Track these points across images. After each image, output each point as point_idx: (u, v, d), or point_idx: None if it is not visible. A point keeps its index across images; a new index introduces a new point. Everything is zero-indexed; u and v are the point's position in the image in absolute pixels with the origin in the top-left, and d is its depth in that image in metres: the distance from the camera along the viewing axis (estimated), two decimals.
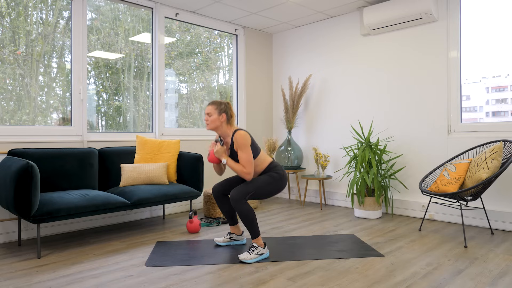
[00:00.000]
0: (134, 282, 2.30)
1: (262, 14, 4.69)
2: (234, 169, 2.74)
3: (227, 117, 2.83)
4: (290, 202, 5.05)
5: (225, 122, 2.83)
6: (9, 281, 2.32)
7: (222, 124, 2.83)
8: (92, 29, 3.88)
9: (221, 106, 2.82)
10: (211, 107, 2.82)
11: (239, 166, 2.73)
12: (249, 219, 2.67)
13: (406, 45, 4.17)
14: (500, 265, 2.57)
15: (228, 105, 2.86)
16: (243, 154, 2.72)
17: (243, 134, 2.73)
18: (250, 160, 2.73)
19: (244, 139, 2.72)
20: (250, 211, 2.68)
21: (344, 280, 2.32)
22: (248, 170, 2.71)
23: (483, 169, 3.05)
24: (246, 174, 2.72)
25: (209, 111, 2.81)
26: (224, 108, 2.82)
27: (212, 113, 2.80)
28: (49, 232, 3.42)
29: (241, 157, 2.72)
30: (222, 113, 2.81)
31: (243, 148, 2.72)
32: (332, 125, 4.88)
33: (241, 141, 2.72)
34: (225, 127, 2.84)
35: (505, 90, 3.74)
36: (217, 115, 2.80)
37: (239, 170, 2.72)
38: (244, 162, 2.72)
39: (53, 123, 3.60)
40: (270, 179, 2.80)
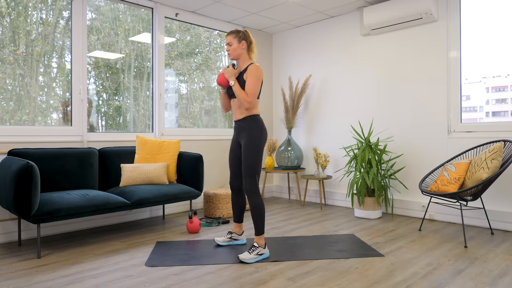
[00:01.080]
0: (134, 282, 2.30)
1: (262, 14, 4.69)
2: (238, 94, 2.73)
3: (247, 44, 2.85)
4: (290, 202, 5.05)
5: (246, 49, 2.86)
6: (9, 281, 2.32)
7: (243, 52, 2.85)
8: (92, 29, 3.88)
9: (239, 34, 2.84)
10: (230, 37, 2.84)
11: (243, 93, 2.74)
12: (259, 214, 2.72)
13: (406, 45, 4.17)
14: (500, 265, 2.57)
15: (247, 33, 2.88)
16: (251, 83, 2.73)
17: (259, 67, 2.77)
18: (256, 91, 2.74)
19: (259, 71, 2.75)
20: (262, 206, 2.74)
21: (344, 280, 2.32)
22: (250, 99, 2.72)
23: (483, 169, 3.05)
24: (247, 103, 2.72)
25: (229, 40, 2.84)
26: (243, 36, 2.84)
27: (232, 42, 2.83)
28: (49, 232, 3.42)
29: (249, 85, 2.73)
30: (241, 40, 2.83)
31: (254, 78, 2.73)
32: (332, 125, 4.88)
33: (255, 71, 2.74)
34: (246, 56, 2.86)
35: (505, 90, 3.74)
36: (238, 43, 2.83)
37: (242, 96, 2.72)
38: (250, 91, 2.72)
39: (53, 123, 3.60)
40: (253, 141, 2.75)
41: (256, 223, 2.73)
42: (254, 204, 2.72)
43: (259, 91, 2.81)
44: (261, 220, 2.73)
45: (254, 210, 2.72)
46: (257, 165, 2.75)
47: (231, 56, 2.85)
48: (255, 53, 2.92)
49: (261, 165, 2.82)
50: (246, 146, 2.77)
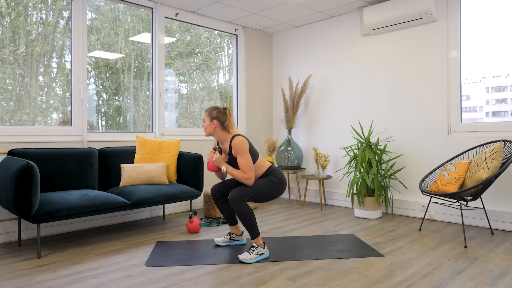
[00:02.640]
0: (134, 282, 2.30)
1: (262, 14, 4.69)
2: (235, 176, 2.73)
3: (220, 123, 2.82)
4: (290, 202, 5.05)
5: (219, 128, 2.83)
6: (9, 281, 2.32)
7: (216, 130, 2.83)
8: (92, 29, 3.88)
9: (212, 113, 2.83)
10: (204, 114, 2.87)
11: (240, 172, 2.73)
12: (248, 220, 2.67)
13: (406, 45, 4.17)
14: (500, 265, 2.57)
15: (221, 112, 2.84)
16: (243, 160, 2.72)
17: (241, 140, 2.73)
18: (250, 165, 2.72)
19: (242, 145, 2.72)
20: (249, 211, 2.68)
21: (344, 280, 2.32)
22: (248, 175, 2.71)
23: (483, 169, 3.05)
24: (247, 180, 2.72)
25: (203, 117, 2.88)
26: (215, 115, 2.82)
27: (205, 119, 2.85)
28: (49, 232, 3.42)
29: (241, 163, 2.72)
30: (212, 119, 2.82)
31: (242, 154, 2.72)
32: (332, 125, 4.88)
33: (239, 148, 2.71)
34: (221, 133, 2.84)
35: (505, 90, 3.74)
36: (209, 122, 2.83)
37: (240, 176, 2.72)
38: (244, 168, 2.71)
39: (53, 123, 3.60)
40: (269, 182, 2.80)
41: (248, 229, 2.70)
42: (240, 212, 2.67)
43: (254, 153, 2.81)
44: (252, 224, 2.69)
45: (243, 219, 2.68)
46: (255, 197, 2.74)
47: (205, 132, 2.87)
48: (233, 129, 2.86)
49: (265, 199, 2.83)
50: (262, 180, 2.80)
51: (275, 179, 2.83)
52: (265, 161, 2.91)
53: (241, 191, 2.69)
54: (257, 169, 2.85)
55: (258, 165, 2.85)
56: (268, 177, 2.83)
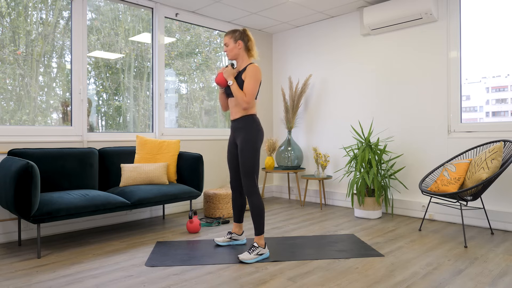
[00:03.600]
0: (134, 282, 2.30)
1: (262, 14, 4.69)
2: (236, 94, 2.73)
3: (244, 43, 2.83)
4: (290, 202, 5.05)
5: (243, 49, 2.84)
6: (9, 281, 2.32)
7: (241, 52, 2.84)
8: (92, 29, 3.88)
9: (235, 34, 2.82)
10: (227, 37, 2.84)
11: (241, 93, 2.73)
12: (258, 213, 2.72)
13: (406, 45, 4.17)
14: (500, 265, 2.57)
15: (244, 32, 2.85)
16: (250, 84, 2.73)
17: (258, 68, 2.76)
18: (254, 92, 2.74)
19: (257, 72, 2.75)
20: (262, 205, 2.74)
21: (344, 280, 2.32)
22: (248, 99, 2.72)
23: (483, 169, 3.05)
24: (245, 102, 2.73)
25: (226, 41, 2.84)
26: (239, 35, 2.82)
27: (228, 42, 2.83)
28: (49, 232, 3.42)
29: (247, 86, 2.73)
30: (237, 40, 2.82)
31: (252, 79, 2.73)
32: (332, 125, 4.88)
33: (253, 72, 2.73)
34: (243, 56, 2.85)
35: (505, 90, 3.74)
36: (234, 43, 2.82)
37: (240, 96, 2.72)
38: (248, 91, 2.72)
39: (53, 123, 3.60)
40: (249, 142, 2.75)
41: (255, 223, 2.73)
42: (254, 204, 2.72)
43: (257, 91, 2.82)
44: (261, 220, 2.73)
45: (254, 210, 2.73)
46: (254, 165, 2.75)
47: (229, 56, 2.85)
48: (254, 51, 2.89)
49: (259, 165, 2.82)
50: (242, 147, 2.78)
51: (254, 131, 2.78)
52: (255, 104, 2.90)
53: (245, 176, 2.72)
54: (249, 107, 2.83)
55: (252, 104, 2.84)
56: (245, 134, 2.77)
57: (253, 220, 2.74)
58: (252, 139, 2.77)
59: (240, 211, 3.05)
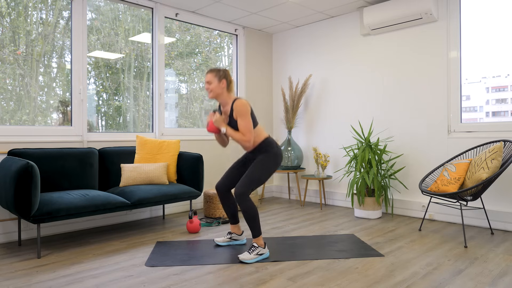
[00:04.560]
0: (134, 282, 2.30)
1: (262, 14, 4.69)
2: (234, 137, 2.73)
3: (227, 82, 2.82)
4: (290, 202, 5.05)
5: (226, 88, 2.83)
6: (9, 281, 2.32)
7: (223, 91, 2.82)
8: (92, 29, 3.88)
9: (220, 73, 2.81)
10: (210, 75, 2.81)
11: (239, 134, 2.73)
12: (252, 217, 2.68)
13: (406, 45, 4.17)
14: (500, 265, 2.57)
15: (227, 72, 2.85)
16: (243, 122, 2.71)
17: (243, 102, 2.74)
18: (250, 128, 2.72)
19: (244, 107, 2.72)
20: (254, 208, 2.69)
21: (344, 280, 2.32)
22: (247, 137, 2.71)
23: (483, 169, 3.05)
24: (246, 142, 2.71)
25: (209, 79, 2.81)
26: (223, 74, 2.82)
27: (212, 80, 2.80)
28: (49, 232, 3.42)
29: (241, 125, 2.72)
30: (222, 79, 2.80)
31: (243, 116, 2.71)
32: (332, 125, 4.88)
33: (241, 109, 2.71)
34: (226, 95, 2.83)
35: (505, 90, 3.74)
36: (217, 82, 2.79)
37: (239, 138, 2.72)
38: (244, 130, 2.71)
39: (53, 123, 3.60)
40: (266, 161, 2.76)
41: (251, 227, 2.71)
42: (245, 208, 2.67)
43: (254, 119, 2.81)
44: (255, 222, 2.70)
45: (246, 214, 2.69)
46: (258, 181, 2.73)
47: (210, 94, 2.82)
48: (233, 92, 2.89)
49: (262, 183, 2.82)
50: (258, 160, 2.78)
51: (272, 155, 2.80)
52: (263, 130, 2.89)
53: (244, 183, 2.68)
54: (254, 136, 2.83)
55: (256, 133, 2.83)
56: (263, 156, 2.79)
57: (248, 225, 2.71)
58: (268, 161, 2.77)
59: (233, 213, 3.02)
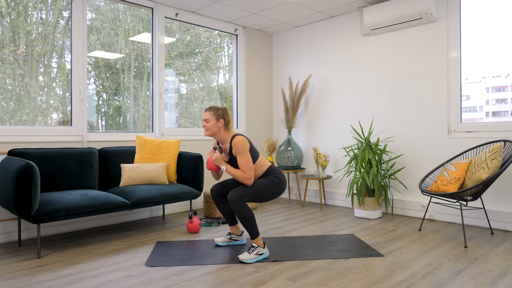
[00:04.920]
0: (134, 282, 2.30)
1: (262, 14, 4.69)
2: (234, 176, 2.73)
3: (224, 122, 2.81)
4: (290, 202, 5.05)
5: (223, 127, 2.82)
6: (9, 281, 2.32)
7: (220, 130, 2.81)
8: (92, 29, 3.88)
9: (218, 112, 2.80)
10: (208, 113, 2.80)
11: (239, 172, 2.73)
12: (247, 220, 2.67)
13: (406, 45, 4.17)
14: (500, 265, 2.57)
15: (225, 111, 2.85)
16: (243, 159, 2.71)
17: (241, 139, 2.72)
18: (250, 165, 2.72)
19: (243, 144, 2.71)
20: (249, 211, 2.68)
21: (344, 280, 2.32)
22: (248, 175, 2.71)
23: (483, 169, 3.05)
24: (247, 180, 2.71)
25: (206, 117, 2.80)
26: (221, 114, 2.81)
27: (209, 119, 2.79)
28: (49, 232, 3.42)
29: (241, 163, 2.72)
30: (219, 119, 2.80)
31: (242, 154, 2.71)
32: (332, 125, 4.88)
33: (240, 146, 2.71)
34: (223, 133, 2.83)
35: (505, 90, 3.74)
36: (215, 121, 2.79)
37: (239, 176, 2.72)
38: (244, 168, 2.71)
39: (53, 123, 3.60)
40: (269, 182, 2.79)
41: (247, 229, 2.71)
42: (240, 213, 2.67)
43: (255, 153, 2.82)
44: (252, 224, 2.69)
45: (242, 219, 2.68)
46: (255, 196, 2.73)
47: (206, 133, 2.81)
48: (231, 129, 2.88)
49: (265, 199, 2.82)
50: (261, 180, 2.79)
51: (275, 179, 2.83)
52: (265, 160, 2.91)
53: (240, 191, 2.68)
54: (257, 169, 2.84)
55: (259, 165, 2.84)
56: (268, 177, 2.83)
57: (245, 227, 2.71)
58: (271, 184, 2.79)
59: (230, 215, 3.02)
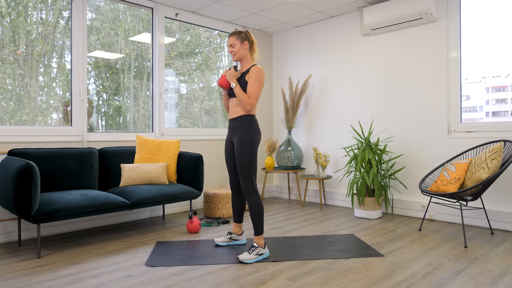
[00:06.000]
0: (134, 282, 2.30)
1: (262, 14, 4.69)
2: (239, 96, 2.74)
3: (249, 44, 2.86)
4: (290, 202, 5.05)
5: (249, 49, 2.86)
6: (9, 281, 2.32)
7: (247, 53, 2.86)
8: (92, 29, 3.88)
9: (241, 35, 2.84)
10: (232, 38, 2.84)
11: (245, 95, 2.74)
12: (257, 214, 2.72)
13: (406, 45, 4.17)
14: (500, 265, 2.57)
15: (248, 33, 2.88)
16: (253, 86, 2.73)
17: (262, 70, 2.78)
18: (258, 94, 2.75)
19: (261, 74, 2.76)
20: (261, 205, 2.74)
21: (344, 280, 2.32)
22: (252, 101, 2.74)
23: (483, 169, 3.05)
24: (249, 105, 2.74)
25: (231, 42, 2.84)
26: (245, 36, 2.85)
27: (234, 43, 2.83)
28: (49, 232, 3.42)
29: (250, 88, 2.74)
30: (244, 41, 2.83)
31: (256, 81, 2.74)
32: (332, 125, 4.88)
33: (258, 74, 2.74)
34: (249, 57, 2.87)
35: (505, 90, 3.74)
36: (240, 44, 2.83)
37: (244, 98, 2.73)
38: (252, 93, 2.73)
39: (53, 123, 3.60)
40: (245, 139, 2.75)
41: (254, 223, 2.73)
42: (252, 203, 2.72)
43: None
44: (260, 220, 2.73)
45: (253, 209, 2.72)
46: (251, 165, 2.74)
47: (234, 57, 2.85)
48: (257, 53, 2.92)
49: (256, 165, 2.81)
50: (238, 147, 2.77)
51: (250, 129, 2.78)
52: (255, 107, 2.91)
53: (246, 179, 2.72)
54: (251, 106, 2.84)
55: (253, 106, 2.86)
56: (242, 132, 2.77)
57: (252, 220, 2.74)
58: (249, 139, 2.76)
59: (240, 212, 3.04)
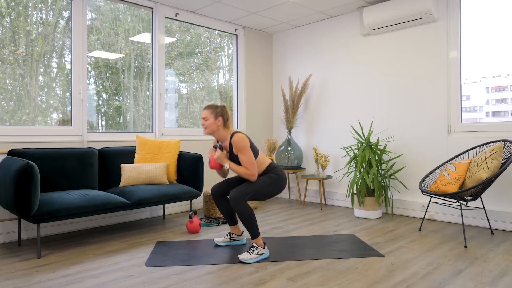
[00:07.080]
0: (134, 282, 2.30)
1: (262, 14, 4.69)
2: (238, 172, 2.73)
3: (223, 120, 2.81)
4: (290, 202, 5.05)
5: (222, 125, 2.82)
6: (9, 281, 2.32)
7: (219, 128, 2.81)
8: (92, 29, 3.88)
9: (217, 110, 2.80)
10: (207, 111, 2.80)
11: (242, 168, 2.73)
12: (248, 220, 2.67)
13: (406, 45, 4.17)
14: (500, 265, 2.57)
15: (224, 108, 2.85)
16: (244, 156, 2.72)
17: (241, 137, 2.72)
18: (252, 161, 2.72)
19: (243, 141, 2.71)
20: (250, 211, 2.68)
21: (344, 280, 2.32)
22: (252, 171, 2.72)
23: (483, 169, 3.05)
24: (251, 176, 2.72)
25: (205, 115, 2.80)
26: (220, 112, 2.81)
27: (208, 117, 2.79)
28: (49, 232, 3.42)
29: (243, 160, 2.72)
30: (218, 117, 2.79)
31: (243, 151, 2.71)
32: (332, 125, 4.88)
33: (240, 144, 2.71)
34: (222, 131, 2.83)
35: (505, 90, 3.74)
36: (213, 119, 2.79)
37: (243, 172, 2.72)
38: (247, 164, 2.72)
39: (53, 123, 3.60)
40: (269, 180, 2.79)
41: (248, 229, 2.71)
42: (241, 213, 2.66)
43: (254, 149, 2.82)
44: (252, 224, 2.69)
45: (243, 218, 2.68)
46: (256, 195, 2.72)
47: (205, 131, 2.81)
48: (230, 127, 2.88)
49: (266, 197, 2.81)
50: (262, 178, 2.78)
51: (276, 176, 2.82)
52: (265, 157, 2.91)
53: (241, 190, 2.68)
54: (257, 166, 2.84)
55: (259, 162, 2.85)
56: (268, 175, 2.83)
57: (245, 227, 2.71)
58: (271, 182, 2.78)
59: (230, 215, 3.02)
